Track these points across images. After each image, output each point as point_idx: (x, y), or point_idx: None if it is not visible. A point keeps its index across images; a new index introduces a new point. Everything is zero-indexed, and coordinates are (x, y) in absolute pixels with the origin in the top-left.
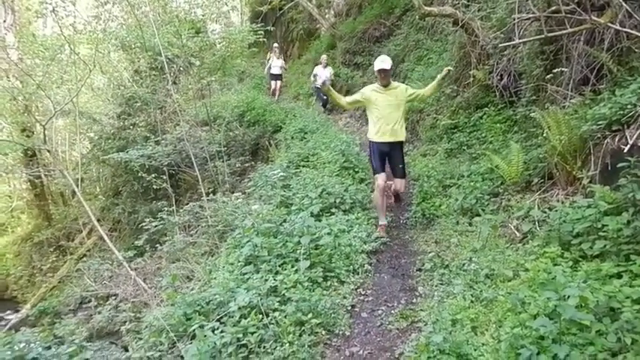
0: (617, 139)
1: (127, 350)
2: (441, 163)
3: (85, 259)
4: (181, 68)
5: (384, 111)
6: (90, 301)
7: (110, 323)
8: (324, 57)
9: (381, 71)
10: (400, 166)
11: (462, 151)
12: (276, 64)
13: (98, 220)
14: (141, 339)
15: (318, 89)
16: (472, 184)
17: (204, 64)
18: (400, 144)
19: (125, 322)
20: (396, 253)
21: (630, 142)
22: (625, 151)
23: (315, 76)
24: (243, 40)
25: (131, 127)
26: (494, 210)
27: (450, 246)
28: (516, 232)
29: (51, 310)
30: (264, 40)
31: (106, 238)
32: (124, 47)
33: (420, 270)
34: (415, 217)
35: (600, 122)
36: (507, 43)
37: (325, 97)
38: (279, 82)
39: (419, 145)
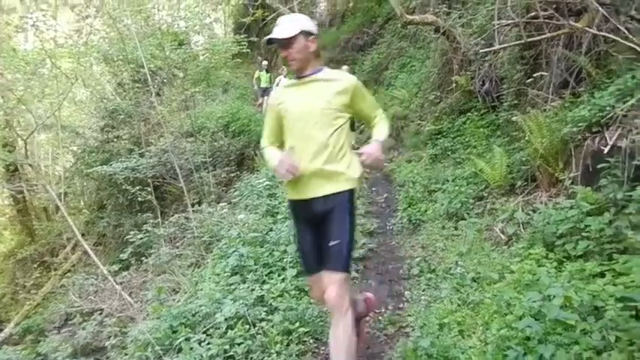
0: (597, 141)
1: None
2: (425, 169)
3: (69, 274)
4: (165, 80)
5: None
6: (75, 318)
7: (95, 339)
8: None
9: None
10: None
11: (446, 157)
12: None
13: (83, 235)
14: (126, 354)
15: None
16: (457, 188)
17: (188, 75)
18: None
19: (110, 337)
20: (383, 259)
21: (610, 143)
22: (605, 152)
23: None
24: (227, 51)
25: (115, 139)
26: (480, 213)
27: (436, 250)
28: (501, 234)
29: (35, 328)
30: (248, 50)
31: (90, 252)
32: (107, 60)
33: (407, 276)
34: (401, 223)
35: (580, 124)
36: (488, 49)
37: None
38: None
39: (403, 152)
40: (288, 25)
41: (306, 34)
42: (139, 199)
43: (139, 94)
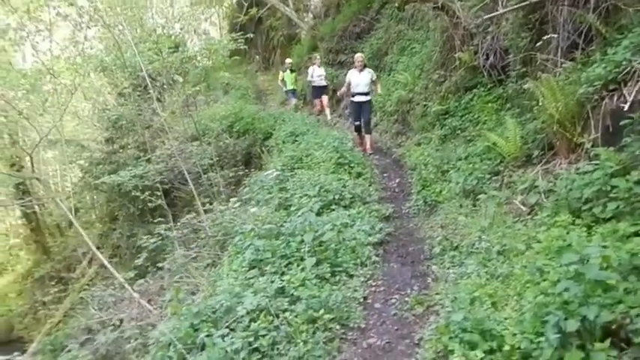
0: (615, 99)
1: None
2: (436, 150)
3: (87, 287)
4: (165, 86)
5: None
6: (96, 331)
7: (115, 346)
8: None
9: None
10: None
11: (456, 136)
12: (319, 73)
13: (97, 248)
14: (148, 356)
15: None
16: (471, 165)
17: (188, 78)
18: None
19: (130, 341)
20: (403, 242)
21: (629, 99)
22: (625, 109)
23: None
24: (224, 48)
25: (121, 149)
26: (497, 188)
27: (456, 228)
28: (522, 206)
29: (57, 345)
30: (246, 47)
31: (106, 263)
32: (105, 69)
33: (429, 256)
34: (417, 206)
35: (596, 83)
36: (492, 14)
37: (358, 123)
38: (325, 98)
39: (412, 135)
40: None
41: None
42: (150, 206)
43: (140, 102)
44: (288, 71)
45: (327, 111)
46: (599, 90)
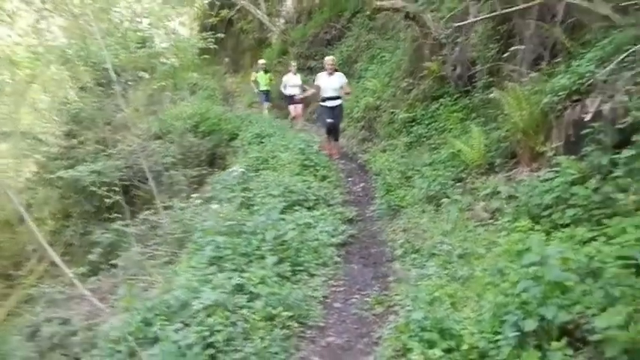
0: (578, 109)
1: None
2: (401, 157)
3: (36, 286)
4: (129, 82)
5: None
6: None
7: (61, 340)
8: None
9: None
10: None
11: (421, 143)
12: (294, 82)
13: (49, 245)
14: (96, 350)
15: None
16: (435, 172)
17: (154, 74)
18: None
19: (77, 333)
20: (365, 244)
21: (591, 110)
22: (587, 120)
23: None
24: (193, 47)
25: (80, 145)
26: (460, 194)
27: (418, 232)
28: (484, 212)
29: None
30: (215, 48)
31: (56, 259)
32: (67, 62)
33: (391, 258)
34: (381, 209)
35: (560, 93)
36: (463, 22)
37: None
38: (299, 107)
39: (378, 142)
40: None
41: None
42: (107, 203)
43: (103, 97)
44: (262, 72)
45: (299, 120)
46: (563, 100)
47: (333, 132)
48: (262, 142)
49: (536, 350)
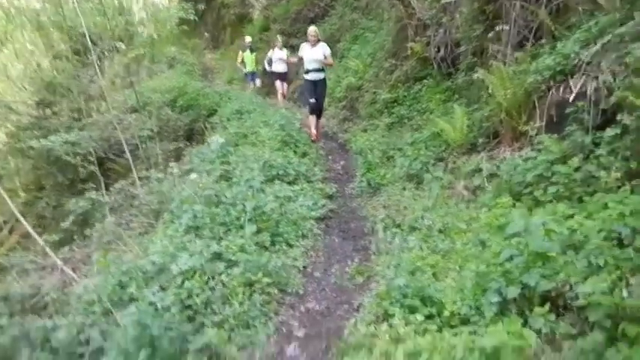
0: (561, 90)
1: None
2: (382, 136)
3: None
4: (105, 52)
5: None
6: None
7: (31, 300)
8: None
9: None
10: None
11: (403, 124)
12: (279, 56)
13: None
14: (69, 312)
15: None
16: (416, 151)
17: (132, 44)
18: None
19: (48, 294)
20: (345, 219)
21: (575, 90)
22: (570, 100)
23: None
24: (172, 16)
25: (53, 115)
26: (442, 173)
27: (399, 209)
28: (465, 191)
29: None
30: (195, 19)
31: (29, 228)
32: (41, 28)
33: (371, 232)
34: (361, 187)
35: (545, 73)
36: (447, 0)
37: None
38: (285, 85)
39: (359, 122)
40: None
41: None
42: (81, 177)
43: (79, 67)
44: (248, 51)
45: (281, 99)
46: (547, 80)
47: (316, 110)
48: (242, 119)
49: (518, 317)
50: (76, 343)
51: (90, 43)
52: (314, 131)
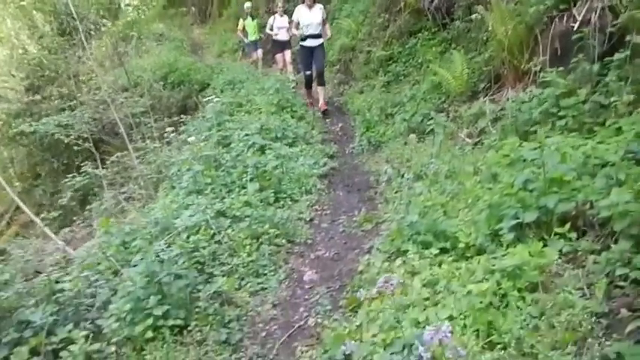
0: (565, 20)
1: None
2: (380, 95)
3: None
4: (91, 31)
5: None
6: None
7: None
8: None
9: None
10: None
11: (399, 82)
12: (280, 24)
13: (19, 206)
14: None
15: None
16: (416, 105)
17: (117, 20)
18: None
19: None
20: (348, 175)
21: (579, 19)
22: (574, 29)
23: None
24: None
25: (43, 100)
26: (444, 121)
27: (402, 161)
28: (468, 139)
29: None
30: None
31: (30, 214)
32: (22, 10)
33: (375, 185)
34: (361, 146)
35: (547, 2)
36: None
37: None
38: (288, 53)
39: (354, 84)
40: None
41: None
42: (77, 162)
43: (65, 47)
44: (250, 18)
45: (289, 68)
46: (549, 9)
47: (318, 77)
48: (235, 89)
49: (537, 241)
50: (82, 296)
51: (77, 21)
52: (321, 101)
